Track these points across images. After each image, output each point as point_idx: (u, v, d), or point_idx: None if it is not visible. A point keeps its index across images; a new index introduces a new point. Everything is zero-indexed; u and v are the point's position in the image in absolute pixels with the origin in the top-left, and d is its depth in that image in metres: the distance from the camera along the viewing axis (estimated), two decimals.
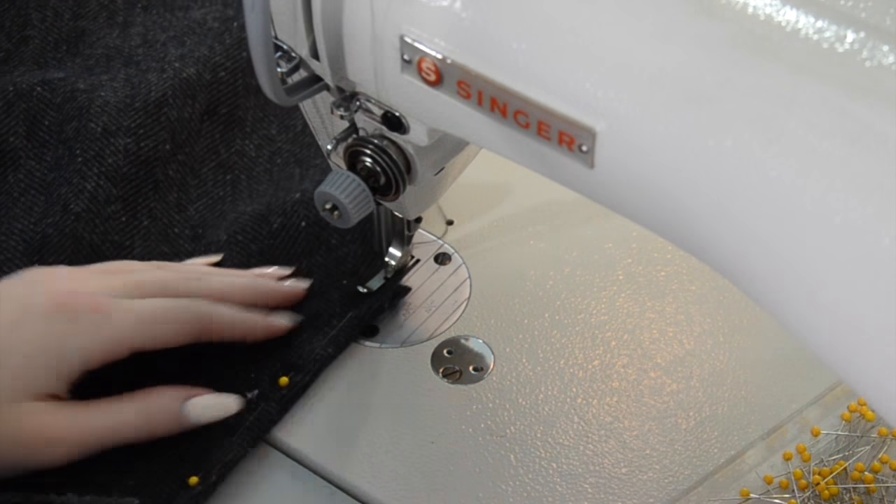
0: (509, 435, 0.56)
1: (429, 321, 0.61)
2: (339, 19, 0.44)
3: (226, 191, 0.67)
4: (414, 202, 0.55)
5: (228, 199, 0.66)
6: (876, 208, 0.31)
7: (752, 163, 0.34)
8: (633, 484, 0.54)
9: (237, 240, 0.63)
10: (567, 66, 0.38)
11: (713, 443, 0.55)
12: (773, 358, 0.59)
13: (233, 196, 0.66)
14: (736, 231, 0.35)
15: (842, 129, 0.32)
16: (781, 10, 0.35)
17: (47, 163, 0.66)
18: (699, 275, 0.63)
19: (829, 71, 0.33)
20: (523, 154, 0.42)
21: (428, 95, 0.43)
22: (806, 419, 0.57)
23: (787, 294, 0.35)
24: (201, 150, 0.68)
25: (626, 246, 0.65)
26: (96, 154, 0.65)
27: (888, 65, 0.33)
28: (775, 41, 0.35)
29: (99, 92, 0.67)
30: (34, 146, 0.67)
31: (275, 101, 0.46)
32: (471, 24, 0.39)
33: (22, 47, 0.72)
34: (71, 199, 0.63)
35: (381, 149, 0.49)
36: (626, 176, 0.38)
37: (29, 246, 0.62)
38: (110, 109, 0.66)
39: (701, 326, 0.61)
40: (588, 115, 0.37)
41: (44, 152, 0.67)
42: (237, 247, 0.63)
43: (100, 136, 0.65)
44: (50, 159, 0.66)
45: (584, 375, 0.58)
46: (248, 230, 0.63)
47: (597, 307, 0.62)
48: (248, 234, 0.63)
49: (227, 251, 0.63)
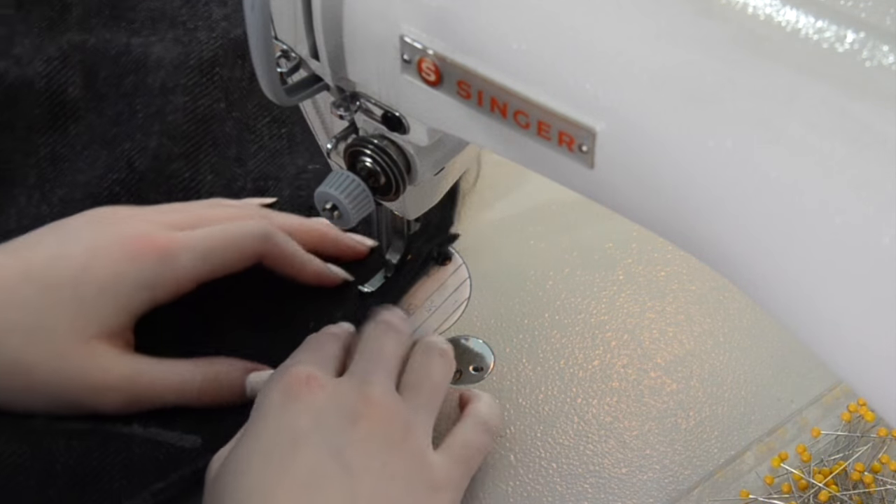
0: (509, 435, 0.56)
1: (429, 321, 0.61)
2: (339, 19, 0.44)
3: (282, 144, 0.68)
4: (414, 202, 0.55)
5: (286, 152, 0.68)
6: (876, 208, 0.31)
7: (752, 163, 0.34)
8: (633, 484, 0.54)
9: (299, 195, 0.65)
10: (567, 66, 0.38)
11: (713, 443, 0.55)
12: (773, 358, 0.59)
13: (290, 149, 0.68)
14: (736, 231, 0.35)
15: (842, 129, 0.32)
16: (781, 10, 0.35)
17: (108, 117, 0.67)
18: (699, 275, 0.63)
19: (829, 71, 0.33)
20: (523, 154, 0.42)
21: (428, 95, 0.43)
22: (805, 419, 0.57)
23: (787, 294, 0.35)
24: (253, 107, 0.69)
25: (626, 246, 0.65)
26: (157, 111, 0.66)
27: (888, 65, 0.33)
28: (775, 41, 0.35)
29: (152, 48, 0.69)
30: (93, 99, 0.68)
31: (275, 101, 0.45)
32: (471, 24, 0.39)
33: (65, 15, 0.72)
34: (135, 157, 0.65)
35: (381, 149, 0.49)
36: (626, 176, 0.38)
37: (96, 200, 0.64)
38: (166, 65, 0.68)
39: (701, 326, 0.61)
40: (588, 115, 0.37)
41: (103, 106, 0.68)
42: (299, 201, 0.64)
43: (158, 92, 0.67)
44: (111, 113, 0.67)
45: (584, 375, 0.58)
46: (311, 186, 0.64)
47: (597, 307, 0.62)
48: (311, 189, 0.63)
49: (289, 206, 0.64)
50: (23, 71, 0.67)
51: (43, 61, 0.68)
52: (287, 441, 0.47)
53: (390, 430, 0.48)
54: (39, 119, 0.67)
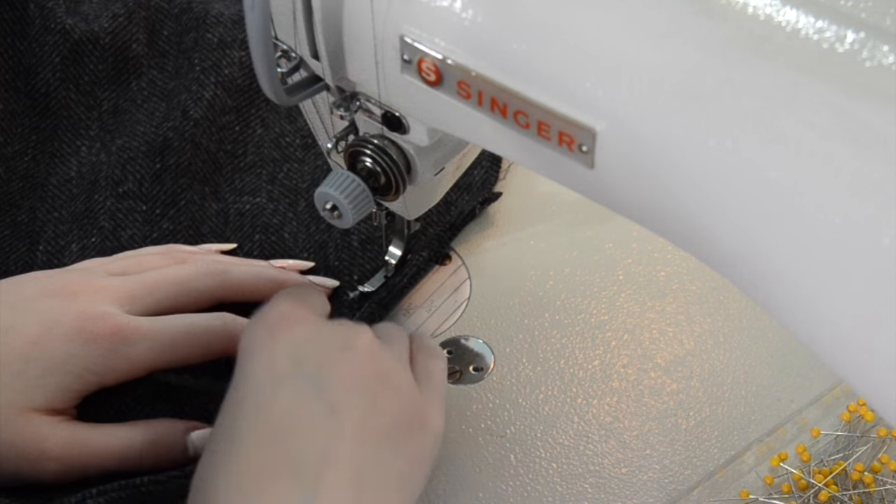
0: (509, 435, 0.56)
1: (429, 321, 0.61)
2: (339, 19, 0.44)
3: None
4: (414, 202, 0.55)
5: None
6: (876, 208, 0.31)
7: (752, 163, 0.34)
8: (633, 484, 0.54)
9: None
10: (567, 66, 0.38)
11: (713, 443, 0.55)
12: (773, 358, 0.59)
13: None
14: (736, 231, 0.35)
15: (842, 129, 0.32)
16: (781, 10, 0.35)
17: (168, 72, 0.70)
18: (699, 275, 0.63)
19: (829, 71, 0.33)
20: (523, 154, 0.42)
21: (428, 95, 0.43)
22: (805, 419, 0.57)
23: (787, 294, 0.35)
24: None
25: (626, 246, 0.65)
26: (214, 64, 0.68)
27: (888, 65, 0.33)
28: (775, 41, 0.35)
29: (212, 5, 0.71)
30: (155, 55, 0.70)
31: (275, 101, 0.45)
32: (471, 24, 0.39)
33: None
34: (190, 106, 0.67)
35: (381, 149, 0.49)
36: (626, 176, 0.38)
37: (151, 147, 0.66)
38: (225, 21, 0.70)
39: (701, 326, 0.61)
40: (588, 115, 0.37)
41: (164, 62, 0.70)
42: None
43: (216, 46, 0.69)
44: (171, 69, 0.70)
45: (584, 375, 0.58)
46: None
47: (597, 307, 0.62)
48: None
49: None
50: (89, 27, 0.69)
51: (109, 18, 0.70)
52: (266, 383, 0.45)
53: (375, 366, 0.47)
54: (104, 74, 0.69)
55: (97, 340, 0.51)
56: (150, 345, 0.53)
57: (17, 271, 0.61)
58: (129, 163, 0.66)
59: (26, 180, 0.66)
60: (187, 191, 0.65)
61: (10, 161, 0.66)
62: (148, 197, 0.65)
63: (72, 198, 0.65)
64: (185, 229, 0.64)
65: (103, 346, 0.51)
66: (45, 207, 0.65)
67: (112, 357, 0.52)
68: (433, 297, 0.62)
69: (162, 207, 0.64)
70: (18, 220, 0.65)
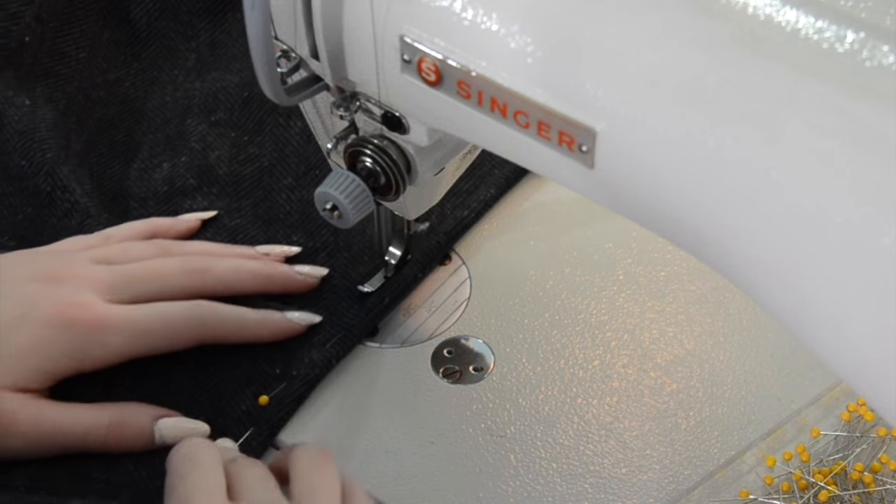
0: (509, 435, 0.56)
1: (429, 321, 0.61)
2: (339, 19, 0.44)
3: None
4: (414, 202, 0.55)
5: None
6: (876, 209, 0.31)
7: (752, 163, 0.34)
8: (633, 484, 0.54)
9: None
10: (567, 66, 0.38)
11: (713, 443, 0.55)
12: (773, 358, 0.59)
13: None
14: (735, 231, 0.35)
15: (842, 129, 0.32)
16: (781, 10, 0.35)
17: None
18: (699, 275, 0.63)
19: (829, 71, 0.33)
20: (523, 154, 0.42)
21: (428, 95, 0.43)
22: (805, 419, 0.57)
23: (787, 294, 0.35)
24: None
25: (626, 246, 0.65)
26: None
27: (888, 65, 0.33)
28: (775, 41, 0.35)
29: None
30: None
31: (275, 101, 0.46)
32: (471, 24, 0.39)
33: None
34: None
35: (381, 149, 0.49)
36: (626, 176, 0.38)
37: (242, 79, 0.69)
38: None
39: (701, 326, 0.61)
40: (588, 115, 0.37)
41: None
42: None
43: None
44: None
45: (584, 375, 0.58)
46: None
47: (597, 307, 0.62)
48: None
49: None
50: None
51: None
52: None
53: None
54: (201, 5, 0.72)
55: (75, 327, 0.52)
56: (127, 334, 0.53)
57: (111, 187, 0.67)
58: (220, 92, 0.69)
59: (125, 105, 0.70)
60: (272, 115, 0.67)
61: (111, 86, 0.71)
62: (237, 125, 0.68)
63: (166, 121, 0.70)
64: (270, 153, 0.67)
65: (80, 332, 0.52)
66: (141, 129, 0.70)
67: (89, 344, 0.53)
68: (433, 297, 0.62)
69: (250, 135, 0.67)
70: (115, 139, 0.69)
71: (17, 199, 0.65)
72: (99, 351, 0.53)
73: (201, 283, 0.57)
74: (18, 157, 0.65)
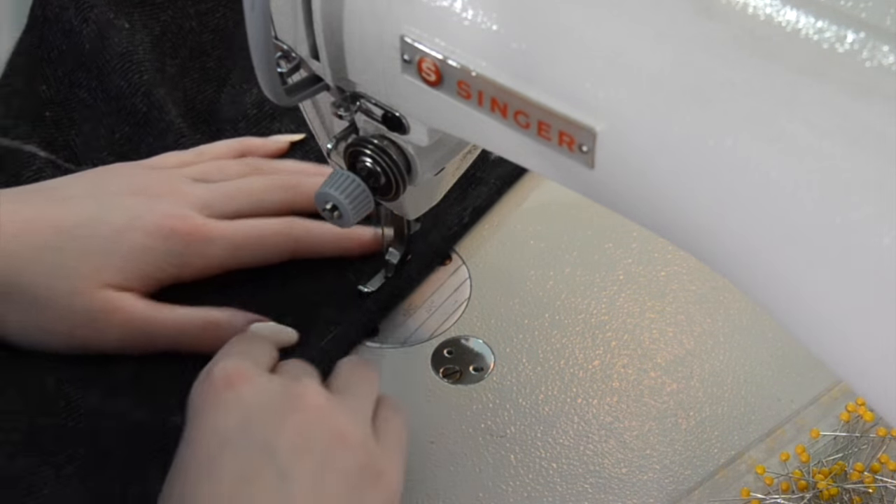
0: (509, 435, 0.56)
1: (429, 321, 0.61)
2: (339, 19, 0.44)
3: None
4: (414, 202, 0.55)
5: None
6: (876, 208, 0.31)
7: (752, 163, 0.34)
8: (633, 484, 0.54)
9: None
10: (567, 66, 0.38)
11: (713, 443, 0.55)
12: (773, 358, 0.59)
13: None
14: (735, 231, 0.35)
15: (842, 129, 0.32)
16: (781, 10, 0.35)
17: None
18: (699, 275, 0.63)
19: (829, 71, 0.33)
20: (523, 154, 0.42)
21: (428, 95, 0.43)
22: (805, 419, 0.57)
23: (787, 294, 0.35)
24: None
25: (626, 246, 0.65)
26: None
27: (888, 65, 0.33)
28: (775, 41, 0.35)
29: None
30: None
31: (275, 101, 0.45)
32: (470, 24, 0.39)
33: None
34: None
35: (382, 149, 0.49)
36: (626, 176, 0.38)
37: None
38: None
39: (701, 326, 0.61)
40: (588, 115, 0.37)
41: None
42: None
43: None
44: None
45: (584, 375, 0.58)
46: None
47: (597, 307, 0.62)
48: None
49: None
50: None
51: None
52: (214, 447, 0.44)
53: (325, 424, 0.46)
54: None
55: (175, 237, 0.56)
56: (224, 245, 0.57)
57: (203, 109, 0.71)
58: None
59: (216, 33, 0.74)
60: None
61: (203, 16, 0.74)
62: None
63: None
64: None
65: (181, 242, 0.56)
66: (232, 57, 0.73)
67: (188, 253, 0.56)
68: (433, 297, 0.62)
69: None
70: (207, 66, 0.72)
71: (115, 119, 0.68)
72: (198, 261, 0.57)
73: (293, 199, 0.61)
74: (118, 77, 0.68)
